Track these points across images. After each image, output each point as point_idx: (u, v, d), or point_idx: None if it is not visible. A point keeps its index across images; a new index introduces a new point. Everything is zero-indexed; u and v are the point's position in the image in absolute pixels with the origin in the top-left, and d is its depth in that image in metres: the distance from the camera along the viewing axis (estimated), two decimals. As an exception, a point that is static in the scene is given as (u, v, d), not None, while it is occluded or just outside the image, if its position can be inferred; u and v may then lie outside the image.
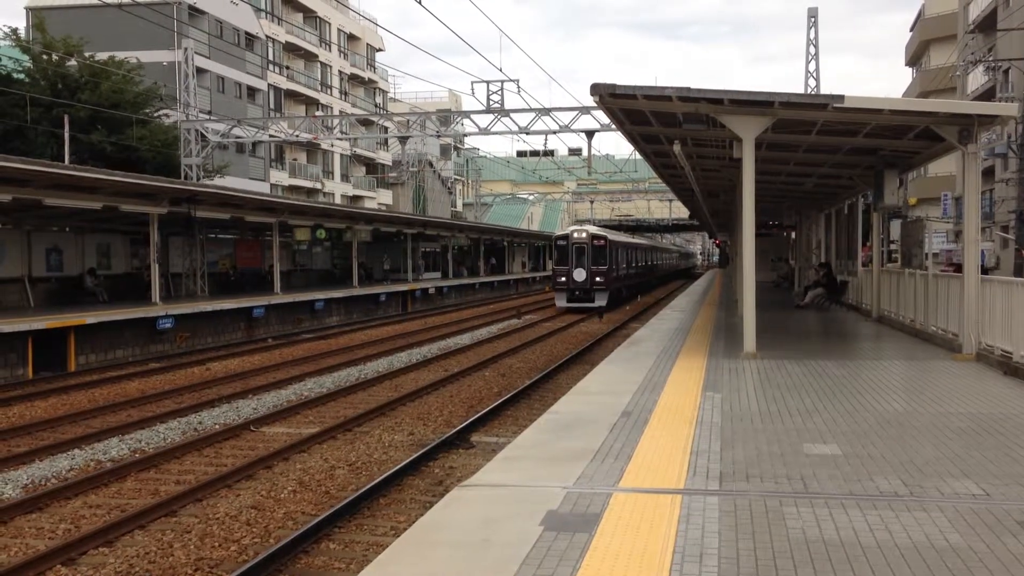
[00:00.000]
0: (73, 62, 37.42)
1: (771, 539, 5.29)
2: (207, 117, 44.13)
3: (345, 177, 73.20)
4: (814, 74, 51.50)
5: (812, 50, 51.67)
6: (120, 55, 40.90)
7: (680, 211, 71.52)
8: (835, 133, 15.54)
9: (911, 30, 67.14)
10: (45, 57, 37.18)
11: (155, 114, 41.44)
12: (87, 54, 38.50)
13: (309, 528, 8.60)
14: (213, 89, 53.35)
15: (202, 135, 40.39)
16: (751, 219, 14.52)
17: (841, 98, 12.52)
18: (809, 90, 49.87)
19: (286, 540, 8.26)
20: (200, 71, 48.88)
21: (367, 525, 9.15)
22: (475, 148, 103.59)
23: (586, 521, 5.65)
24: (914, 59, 66.31)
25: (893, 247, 43.18)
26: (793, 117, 13.91)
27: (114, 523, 8.81)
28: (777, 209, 35.72)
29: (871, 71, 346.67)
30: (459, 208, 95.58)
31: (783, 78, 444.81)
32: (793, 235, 41.53)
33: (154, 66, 45.63)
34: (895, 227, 42.59)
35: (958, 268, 18.36)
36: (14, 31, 38.57)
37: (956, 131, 13.30)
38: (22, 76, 37.32)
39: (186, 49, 44.19)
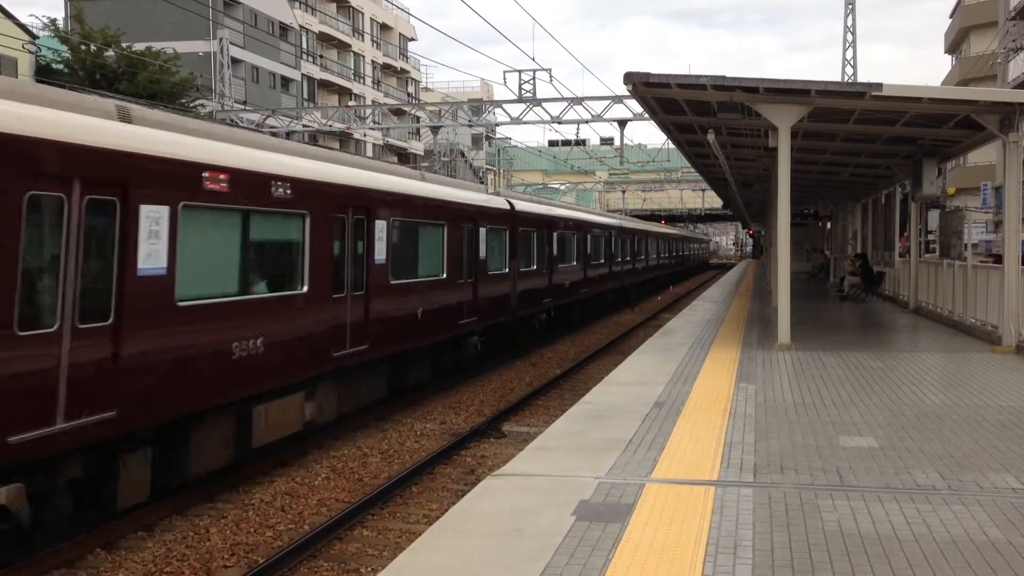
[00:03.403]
0: (111, 53, 37.86)
1: (806, 532, 5.25)
2: (242, 107, 44.46)
3: (378, 167, 73.38)
4: (851, 62, 50.77)
5: (849, 37, 50.97)
6: (157, 45, 41.32)
7: (713, 201, 70.93)
8: (873, 122, 15.33)
9: (950, 17, 65.99)
10: (83, 48, 37.66)
11: (191, 104, 41.85)
12: (124, 45, 38.95)
13: (343, 515, 8.68)
14: (248, 79, 53.71)
15: (237, 125, 40.71)
16: (786, 209, 14.38)
17: (879, 86, 12.35)
18: (846, 78, 49.21)
19: (320, 526, 8.34)
20: (235, 61, 49.24)
21: (400, 513, 9.21)
22: (507, 138, 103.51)
23: (619, 511, 5.65)
24: (953, 46, 65.18)
25: (931, 237, 42.61)
26: (830, 106, 13.74)
27: (152, 507, 8.94)
28: (812, 199, 35.34)
29: (909, 59, 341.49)
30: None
31: (819, 66, 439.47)
32: (829, 225, 41.06)
33: (190, 56, 46.03)
34: (933, 217, 42.02)
35: (998, 259, 18.07)
36: (53, 22, 39.16)
37: (997, 120, 13.07)
38: (61, 67, 37.84)
39: (221, 39, 44.54)
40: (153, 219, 8.20)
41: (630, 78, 12.94)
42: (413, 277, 14.23)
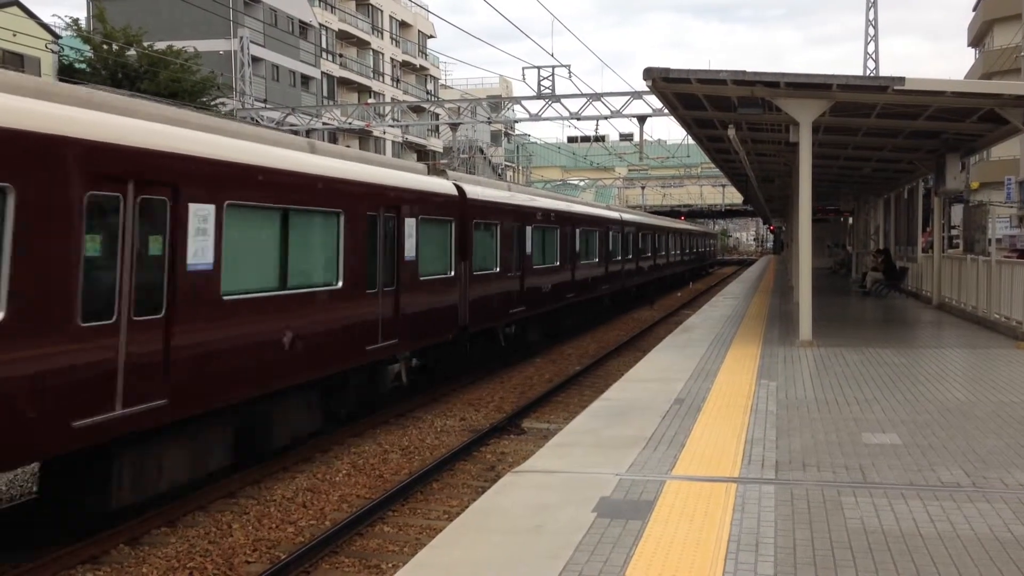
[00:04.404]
0: (132, 52, 38.15)
1: (829, 529, 5.22)
2: (262, 105, 44.67)
3: (397, 164, 73.59)
4: (873, 56, 50.43)
5: (871, 31, 50.57)
6: (178, 44, 41.59)
7: (733, 197, 70.57)
8: (895, 116, 15.20)
9: (974, 9, 65.28)
10: (105, 47, 37.96)
11: (212, 103, 42.09)
12: (146, 44, 39.24)
13: (364, 511, 8.71)
14: (268, 77, 53.96)
15: (257, 123, 40.93)
16: (807, 204, 14.29)
17: (902, 80, 12.24)
18: (868, 72, 48.86)
19: (341, 523, 8.38)
20: (255, 60, 49.49)
21: (420, 509, 9.24)
22: (526, 134, 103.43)
23: (639, 508, 5.63)
24: (977, 39, 64.48)
25: (954, 232, 42.18)
26: (852, 100, 13.64)
27: (175, 504, 9.01)
28: (834, 194, 35.08)
29: (931, 52, 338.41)
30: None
31: (840, 60, 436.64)
32: (851, 220, 40.76)
33: (210, 55, 46.29)
34: (956, 212, 41.58)
35: (1022, 254, 17.87)
36: (75, 22, 39.50)
37: (1021, 113, 12.94)
38: (83, 66, 38.17)
39: (242, 38, 44.78)
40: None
41: (650, 74, 12.91)
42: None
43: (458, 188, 15.73)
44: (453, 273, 15.19)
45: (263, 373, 9.70)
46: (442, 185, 15.22)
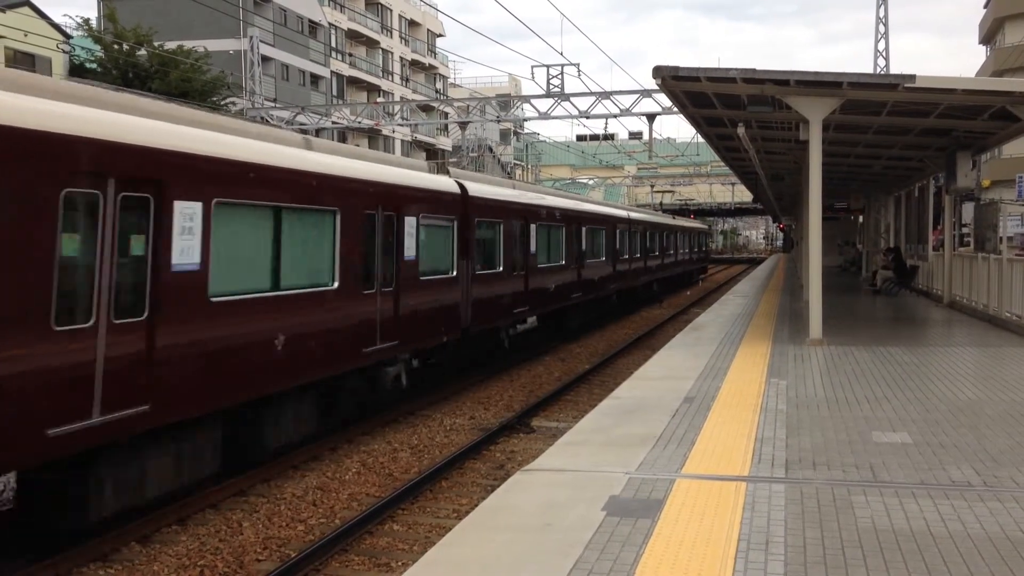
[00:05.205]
0: (143, 52, 38.28)
1: (839, 528, 5.21)
2: (272, 105, 44.79)
3: (406, 163, 73.67)
4: (883, 53, 50.18)
5: (881, 28, 50.36)
6: (188, 44, 41.72)
7: (743, 195, 70.43)
8: (906, 114, 15.14)
9: (985, 7, 64.94)
10: (116, 47, 38.10)
11: (222, 102, 42.20)
12: (156, 43, 39.36)
13: (373, 509, 8.73)
14: (278, 77, 54.07)
15: (267, 123, 41.02)
16: (818, 202, 14.25)
17: (912, 78, 12.19)
18: (878, 70, 48.64)
19: (351, 521, 8.40)
20: (265, 59, 49.58)
21: (430, 507, 9.25)
22: (535, 133, 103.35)
23: (649, 507, 5.63)
24: (988, 37, 64.16)
25: (965, 231, 41.97)
26: (862, 98, 13.59)
27: (185, 502, 9.05)
28: (844, 192, 34.95)
29: (942, 49, 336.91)
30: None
31: (850, 58, 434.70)
32: (861, 219, 40.61)
33: (220, 55, 46.39)
34: (967, 210, 41.38)
35: (1034, 252, 17.78)
36: (86, 21, 39.65)
37: (1033, 111, 12.87)
38: (94, 66, 38.32)
39: (252, 38, 44.88)
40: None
41: (659, 72, 12.89)
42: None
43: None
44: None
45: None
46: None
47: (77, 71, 36.63)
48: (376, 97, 66.15)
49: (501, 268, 17.20)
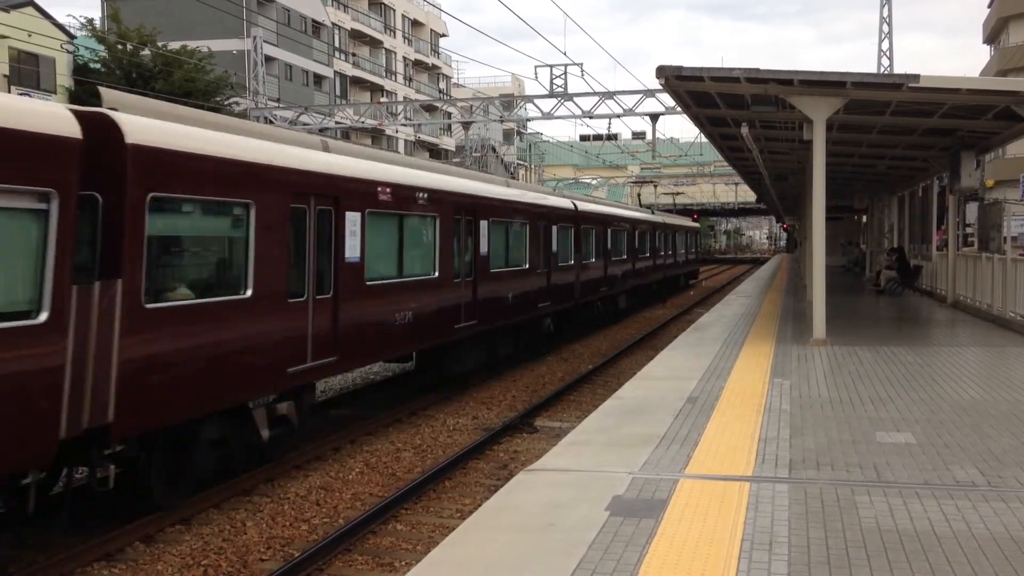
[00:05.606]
0: (147, 52, 38.35)
1: (843, 528, 5.21)
2: (276, 105, 44.81)
3: (409, 163, 73.70)
4: (887, 53, 50.18)
5: (885, 28, 50.32)
6: (191, 44, 41.78)
7: (746, 195, 70.33)
8: (910, 114, 15.12)
9: (989, 6, 64.83)
10: (120, 47, 38.18)
11: (226, 102, 42.25)
12: (160, 44, 39.44)
13: (377, 509, 8.73)
14: (281, 77, 54.12)
15: (270, 123, 41.05)
16: (821, 202, 14.23)
17: (916, 77, 12.18)
18: (882, 69, 48.61)
19: (355, 520, 8.40)
20: (268, 59, 49.63)
21: (433, 507, 9.25)
22: (538, 133, 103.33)
23: (652, 507, 5.63)
24: (992, 36, 64.05)
25: (969, 231, 41.92)
26: (866, 98, 13.57)
27: (189, 502, 9.06)
28: (848, 192, 34.91)
29: (946, 49, 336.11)
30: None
31: (853, 58, 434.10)
32: (864, 218, 40.57)
33: (224, 55, 46.46)
34: (971, 210, 41.33)
35: (1038, 252, 17.74)
36: (90, 22, 39.74)
37: (1038, 110, 12.84)
38: (98, 66, 38.39)
39: (255, 38, 44.91)
40: None
41: (663, 72, 12.88)
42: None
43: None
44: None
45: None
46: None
47: (81, 71, 36.68)
48: (379, 97, 66.21)
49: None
